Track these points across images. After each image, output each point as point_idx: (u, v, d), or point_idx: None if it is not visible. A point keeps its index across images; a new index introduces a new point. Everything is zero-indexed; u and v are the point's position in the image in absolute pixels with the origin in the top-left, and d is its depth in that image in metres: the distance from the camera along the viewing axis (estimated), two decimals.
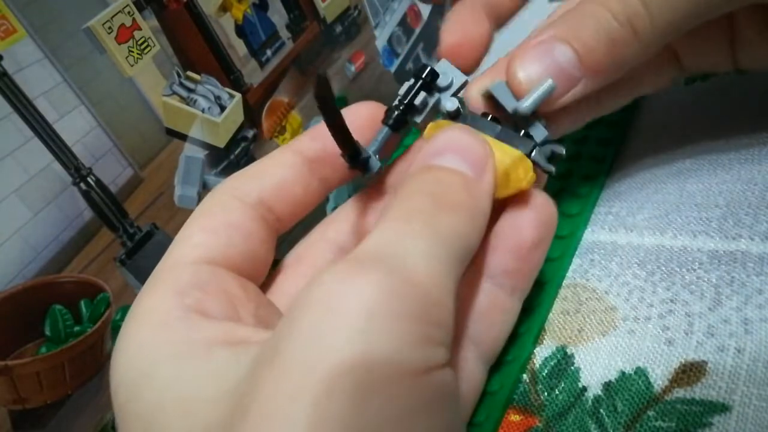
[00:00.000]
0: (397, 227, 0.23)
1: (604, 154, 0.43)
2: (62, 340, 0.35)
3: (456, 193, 0.25)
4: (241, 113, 0.46)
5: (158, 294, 0.25)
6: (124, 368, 0.23)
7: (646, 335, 0.32)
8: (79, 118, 0.36)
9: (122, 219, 0.38)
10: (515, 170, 0.27)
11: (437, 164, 0.26)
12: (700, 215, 0.36)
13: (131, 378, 0.22)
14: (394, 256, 0.22)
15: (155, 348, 0.22)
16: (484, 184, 0.26)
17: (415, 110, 0.27)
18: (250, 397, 0.19)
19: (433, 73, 0.27)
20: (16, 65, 0.33)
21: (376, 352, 0.19)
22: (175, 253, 0.26)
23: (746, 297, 0.31)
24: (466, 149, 0.26)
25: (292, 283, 0.30)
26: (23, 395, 0.33)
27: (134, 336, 0.23)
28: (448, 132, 0.27)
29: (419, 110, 0.27)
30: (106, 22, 0.37)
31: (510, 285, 0.30)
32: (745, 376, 0.28)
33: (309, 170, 0.29)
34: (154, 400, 0.21)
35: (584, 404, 0.30)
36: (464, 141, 0.26)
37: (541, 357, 0.34)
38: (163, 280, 0.25)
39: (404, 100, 0.27)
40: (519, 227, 0.29)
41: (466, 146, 0.26)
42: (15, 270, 0.33)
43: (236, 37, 0.46)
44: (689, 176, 0.38)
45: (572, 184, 0.42)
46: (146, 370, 0.22)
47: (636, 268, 0.35)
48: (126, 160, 0.38)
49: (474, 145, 0.26)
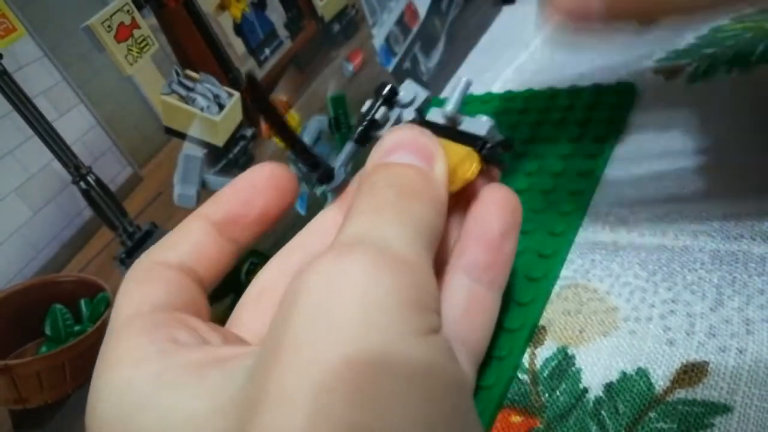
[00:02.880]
0: (369, 218, 0.24)
1: (601, 150, 0.43)
2: (62, 340, 0.34)
3: (414, 182, 0.26)
4: (239, 112, 0.46)
5: (126, 339, 0.24)
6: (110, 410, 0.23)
7: (647, 336, 0.32)
8: (78, 117, 0.36)
9: (122, 218, 0.38)
10: (462, 165, 0.29)
11: (391, 161, 0.27)
12: (702, 215, 0.36)
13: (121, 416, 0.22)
14: (376, 239, 0.23)
15: (141, 384, 0.22)
16: (437, 173, 0.27)
17: (377, 125, 0.29)
18: (256, 400, 0.19)
19: (393, 90, 0.29)
20: (16, 64, 0.33)
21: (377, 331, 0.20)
22: (121, 313, 0.26)
23: (748, 297, 0.31)
24: (414, 144, 0.27)
25: (255, 318, 0.30)
26: (23, 395, 0.33)
27: (114, 376, 0.23)
28: (396, 131, 0.28)
29: (381, 125, 0.29)
30: (105, 21, 0.37)
31: (487, 280, 0.30)
32: (746, 377, 0.28)
33: (218, 232, 0.30)
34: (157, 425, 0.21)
35: (585, 406, 0.30)
36: (412, 137, 0.28)
37: (542, 358, 0.33)
38: (125, 328, 0.25)
39: (366, 116, 0.29)
40: (485, 220, 0.30)
41: (414, 141, 0.27)
42: (15, 269, 0.33)
43: (235, 36, 0.46)
44: (690, 176, 0.38)
45: (566, 182, 0.42)
46: (140, 403, 0.22)
47: (637, 269, 0.35)
48: (125, 158, 0.38)
49: (421, 139, 0.28)
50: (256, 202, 0.30)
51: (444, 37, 0.67)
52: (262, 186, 0.30)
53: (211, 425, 0.21)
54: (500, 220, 0.30)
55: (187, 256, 0.29)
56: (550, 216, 0.40)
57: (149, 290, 0.27)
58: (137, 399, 0.22)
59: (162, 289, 0.27)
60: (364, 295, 0.21)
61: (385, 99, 0.29)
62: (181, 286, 0.28)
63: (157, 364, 0.23)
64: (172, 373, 0.22)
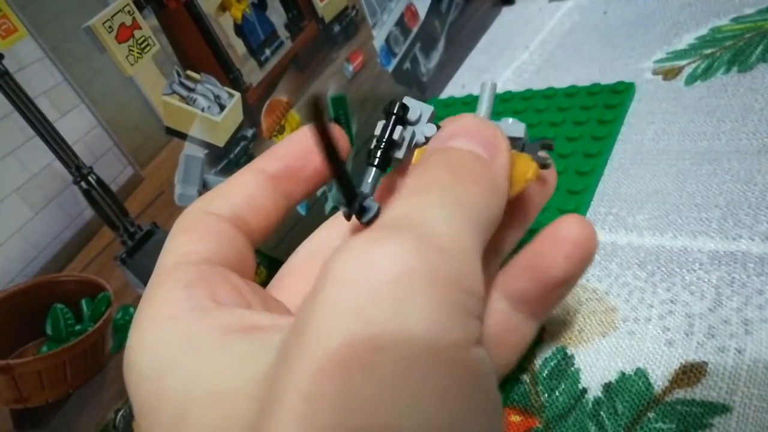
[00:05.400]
0: (416, 199, 0.22)
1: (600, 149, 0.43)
2: (63, 339, 0.35)
3: (472, 166, 0.24)
4: (240, 112, 0.46)
5: (165, 290, 0.24)
6: (143, 365, 0.22)
7: (646, 336, 0.32)
8: (79, 117, 0.36)
9: (123, 218, 0.38)
10: (517, 167, 0.27)
11: (451, 146, 0.25)
12: (700, 215, 0.36)
13: (152, 373, 0.22)
14: (418, 224, 0.21)
15: (171, 343, 0.22)
16: (499, 164, 0.25)
17: (395, 145, 0.28)
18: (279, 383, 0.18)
19: (404, 106, 0.28)
20: (17, 64, 0.33)
21: (412, 322, 0.18)
22: (167, 261, 0.26)
23: (747, 297, 0.31)
24: (478, 133, 0.25)
25: (302, 283, 0.29)
26: (24, 394, 0.33)
27: (147, 332, 0.23)
28: (458, 119, 0.26)
29: (399, 145, 0.28)
30: (106, 22, 0.37)
31: (529, 311, 0.29)
32: (745, 377, 0.28)
33: (273, 186, 0.29)
34: (181, 396, 0.20)
35: (585, 406, 0.31)
36: (474, 125, 0.26)
37: (542, 358, 0.34)
38: (168, 277, 0.24)
39: (383, 138, 0.27)
40: (550, 257, 0.28)
41: (476, 129, 0.25)
42: (16, 269, 0.33)
43: (235, 37, 0.46)
44: (689, 176, 0.38)
45: (566, 181, 0.42)
46: (166, 366, 0.21)
47: (636, 269, 0.35)
48: (126, 159, 0.38)
49: (485, 129, 0.26)
50: (314, 157, 0.29)
51: (444, 38, 0.67)
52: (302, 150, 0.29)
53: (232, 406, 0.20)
54: (568, 263, 0.27)
55: (240, 207, 0.28)
56: (550, 215, 0.40)
57: (198, 239, 0.26)
58: (166, 360, 0.21)
59: (212, 239, 0.26)
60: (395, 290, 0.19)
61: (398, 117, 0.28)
62: (231, 238, 0.27)
63: (188, 324, 0.22)
64: (200, 336, 0.22)
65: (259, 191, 0.28)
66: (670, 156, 0.41)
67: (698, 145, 0.40)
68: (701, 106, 0.43)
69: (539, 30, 0.67)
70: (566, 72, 0.56)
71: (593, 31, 0.61)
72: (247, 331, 0.22)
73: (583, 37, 0.61)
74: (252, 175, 0.29)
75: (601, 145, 0.44)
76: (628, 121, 0.46)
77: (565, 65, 0.57)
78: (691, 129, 0.41)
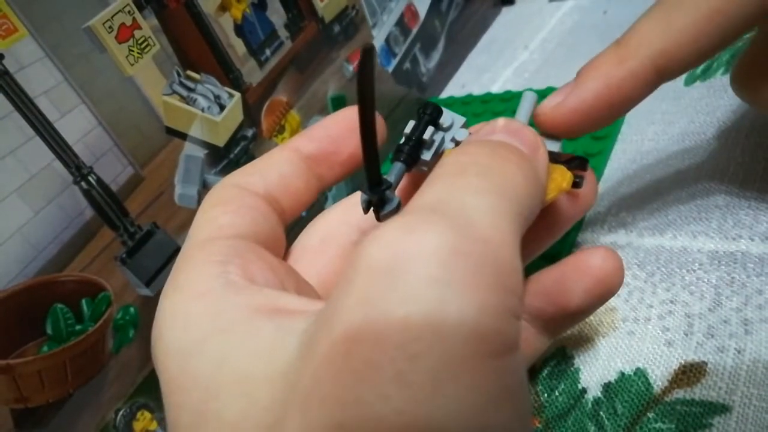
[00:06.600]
0: (452, 181, 0.21)
1: (600, 149, 0.43)
2: (64, 339, 0.35)
3: (513, 153, 0.23)
4: (240, 112, 0.46)
5: (197, 264, 0.23)
6: (172, 341, 0.22)
7: (645, 336, 0.32)
8: (79, 117, 0.36)
9: (123, 218, 0.38)
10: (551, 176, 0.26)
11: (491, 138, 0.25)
12: (700, 215, 0.36)
13: (181, 351, 0.21)
14: (455, 210, 0.19)
15: (199, 321, 0.21)
16: (541, 159, 0.24)
17: (424, 145, 0.27)
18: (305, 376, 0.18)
19: (438, 109, 0.27)
20: (17, 64, 0.33)
21: (453, 322, 0.17)
22: (201, 233, 0.25)
23: (746, 297, 0.31)
24: (517, 131, 0.25)
25: (321, 263, 0.29)
26: (25, 394, 0.33)
27: (177, 308, 0.22)
28: (499, 119, 0.26)
29: (429, 145, 0.27)
30: (106, 21, 0.37)
31: (543, 328, 0.29)
32: (745, 377, 0.28)
33: (307, 167, 0.29)
34: (208, 376, 0.20)
35: (584, 406, 0.31)
36: (514, 126, 0.25)
37: (541, 357, 0.34)
38: (200, 251, 0.24)
39: (413, 135, 0.27)
40: (570, 288, 0.28)
41: (516, 129, 0.25)
42: (16, 269, 0.33)
43: (235, 37, 0.46)
44: (689, 176, 0.38)
45: None
46: (194, 344, 0.21)
47: (636, 269, 0.35)
48: (126, 159, 0.38)
49: (525, 129, 0.25)
50: (349, 142, 0.29)
51: (444, 38, 0.67)
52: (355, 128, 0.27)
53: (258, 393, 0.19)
54: (586, 296, 0.28)
55: (273, 184, 0.27)
56: None
57: (233, 213, 0.25)
58: (195, 338, 0.21)
59: (247, 215, 0.26)
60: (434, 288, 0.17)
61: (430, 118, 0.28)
62: (265, 216, 0.26)
63: (218, 302, 0.22)
64: (229, 315, 0.21)
65: (294, 171, 0.28)
66: (670, 156, 0.41)
67: (698, 145, 0.40)
68: (701, 106, 0.43)
69: (539, 30, 0.67)
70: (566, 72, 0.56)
71: (593, 30, 0.61)
72: (273, 313, 0.21)
73: (583, 37, 0.61)
74: (287, 154, 0.28)
75: (601, 145, 0.44)
76: (628, 121, 0.46)
77: (565, 65, 0.57)
78: (691, 129, 0.41)
